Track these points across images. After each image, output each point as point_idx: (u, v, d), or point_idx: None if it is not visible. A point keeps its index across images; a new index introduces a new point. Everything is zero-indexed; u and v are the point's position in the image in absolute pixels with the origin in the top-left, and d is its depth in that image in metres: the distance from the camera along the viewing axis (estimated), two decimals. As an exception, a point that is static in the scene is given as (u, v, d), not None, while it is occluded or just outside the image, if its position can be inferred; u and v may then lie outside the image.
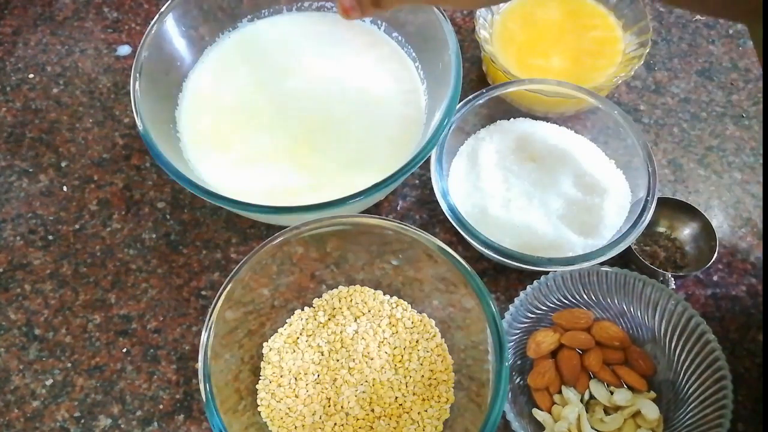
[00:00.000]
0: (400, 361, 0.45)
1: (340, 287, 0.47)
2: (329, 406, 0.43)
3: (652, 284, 0.45)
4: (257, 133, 0.51)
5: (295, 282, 0.46)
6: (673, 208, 0.51)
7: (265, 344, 0.46)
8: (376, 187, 0.43)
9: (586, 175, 0.50)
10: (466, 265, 0.41)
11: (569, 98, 0.51)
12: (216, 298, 0.40)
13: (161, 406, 0.46)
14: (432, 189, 0.48)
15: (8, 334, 0.49)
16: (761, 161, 0.55)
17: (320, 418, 0.43)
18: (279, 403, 0.43)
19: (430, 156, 0.47)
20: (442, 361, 0.45)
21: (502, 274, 0.51)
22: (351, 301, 0.47)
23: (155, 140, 0.45)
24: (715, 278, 0.51)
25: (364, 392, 0.44)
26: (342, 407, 0.43)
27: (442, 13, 0.49)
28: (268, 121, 0.51)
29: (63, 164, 0.56)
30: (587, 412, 0.44)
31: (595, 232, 0.48)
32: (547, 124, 0.53)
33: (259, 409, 0.43)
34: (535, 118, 0.53)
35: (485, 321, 0.39)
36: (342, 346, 0.45)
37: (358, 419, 0.43)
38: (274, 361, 0.45)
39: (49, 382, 0.47)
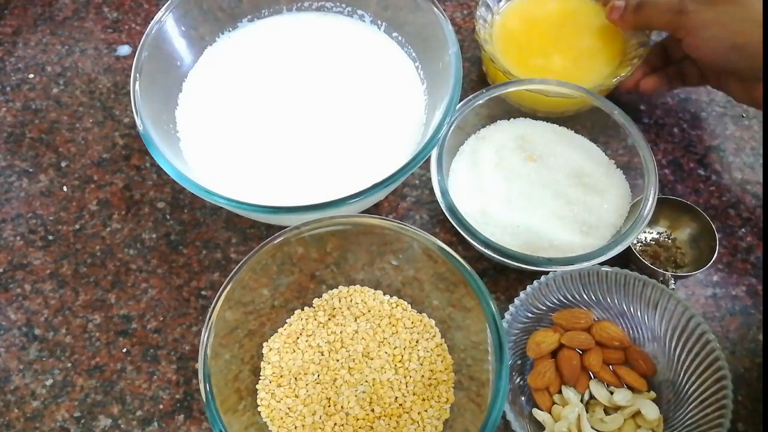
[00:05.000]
0: (400, 361, 0.45)
1: (340, 287, 0.47)
2: (329, 406, 0.43)
3: (652, 284, 0.45)
4: (257, 133, 0.51)
5: (295, 282, 0.46)
6: (673, 208, 0.51)
7: (265, 344, 0.46)
8: (376, 187, 0.43)
9: (586, 175, 0.50)
10: (466, 265, 0.41)
11: (569, 98, 0.51)
12: (216, 298, 0.40)
13: (161, 406, 0.46)
14: (432, 189, 0.48)
15: (8, 334, 0.49)
16: (761, 161, 0.55)
17: (320, 418, 0.43)
18: (279, 403, 0.43)
19: (430, 156, 0.47)
20: (442, 361, 0.45)
21: (502, 274, 0.51)
22: (351, 301, 0.47)
23: (155, 140, 0.45)
24: (715, 278, 0.51)
25: (364, 392, 0.44)
26: (342, 407, 0.43)
27: (442, 13, 0.49)
28: (268, 121, 0.51)
29: (63, 164, 0.56)
30: (587, 412, 0.44)
31: (595, 232, 0.48)
32: (547, 124, 0.53)
33: (259, 409, 0.43)
34: (535, 118, 0.53)
35: (485, 321, 0.39)
36: (342, 346, 0.45)
37: (358, 419, 0.43)
38: (274, 361, 0.45)
39: (49, 382, 0.47)
